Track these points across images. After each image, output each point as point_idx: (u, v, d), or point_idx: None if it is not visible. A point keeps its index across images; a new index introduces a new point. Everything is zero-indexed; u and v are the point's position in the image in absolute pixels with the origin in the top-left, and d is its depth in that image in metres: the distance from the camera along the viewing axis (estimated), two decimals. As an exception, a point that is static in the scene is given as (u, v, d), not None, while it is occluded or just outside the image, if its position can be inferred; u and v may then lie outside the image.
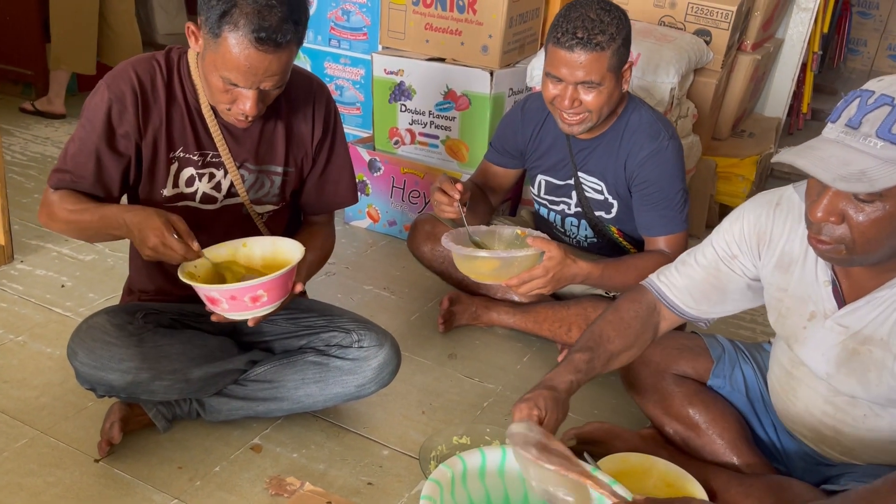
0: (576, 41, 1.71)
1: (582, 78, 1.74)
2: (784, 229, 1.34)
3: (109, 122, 1.47)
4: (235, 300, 1.39)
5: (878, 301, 1.23)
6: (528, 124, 2.05)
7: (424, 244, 2.17)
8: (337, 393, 1.63)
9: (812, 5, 3.39)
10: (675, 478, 1.51)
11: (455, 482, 1.33)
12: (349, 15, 2.86)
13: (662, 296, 1.48)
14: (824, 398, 1.37)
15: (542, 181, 2.07)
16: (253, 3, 1.32)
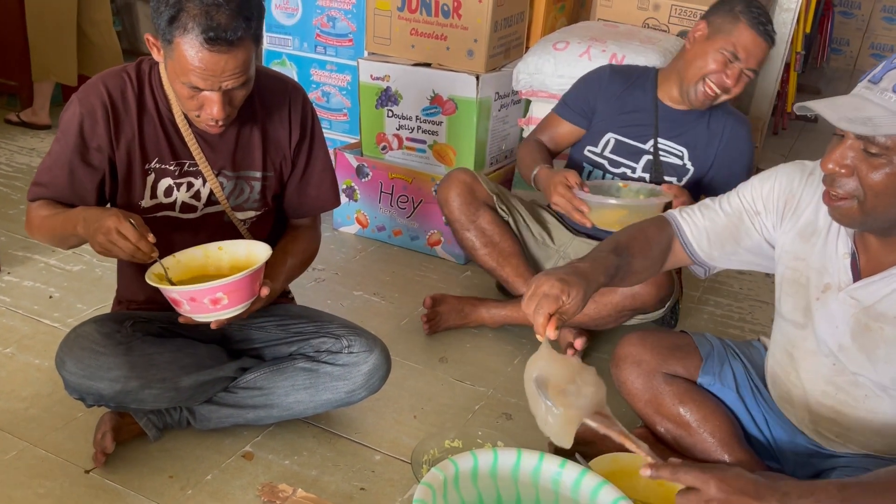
0: (766, 32, 1.90)
1: (753, 65, 1.92)
2: (813, 198, 1.37)
3: (82, 135, 1.49)
4: (195, 302, 1.40)
5: (893, 277, 1.25)
6: (614, 82, 2.12)
7: (458, 196, 2.11)
8: (327, 399, 1.63)
9: (794, 6, 3.42)
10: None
11: (447, 485, 1.33)
12: (335, 21, 2.87)
13: (680, 230, 1.50)
14: (826, 378, 1.38)
15: (612, 139, 2.11)
16: (199, 5, 1.32)
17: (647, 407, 1.62)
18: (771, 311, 2.44)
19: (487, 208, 2.13)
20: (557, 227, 2.22)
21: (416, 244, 2.68)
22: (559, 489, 1.38)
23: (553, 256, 2.21)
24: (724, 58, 1.91)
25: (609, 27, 2.69)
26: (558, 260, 2.20)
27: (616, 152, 2.12)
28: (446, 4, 2.48)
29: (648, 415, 1.63)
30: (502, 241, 2.12)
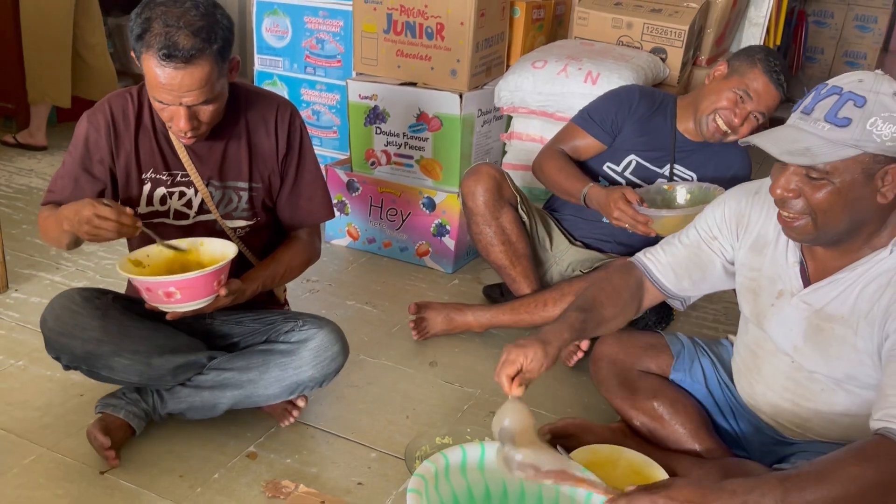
0: (779, 82, 2.05)
1: (762, 108, 2.06)
2: (761, 215, 1.51)
3: (87, 149, 1.66)
4: (150, 292, 1.53)
5: (840, 282, 1.37)
6: (642, 105, 2.24)
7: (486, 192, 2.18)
8: (276, 376, 1.69)
9: (762, 21, 3.57)
10: (641, 465, 1.63)
11: (439, 476, 1.45)
12: (323, 43, 2.99)
13: (648, 271, 1.63)
14: (786, 375, 1.51)
15: (634, 161, 2.24)
16: (162, 25, 1.46)
17: (623, 402, 1.74)
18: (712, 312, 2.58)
19: (510, 207, 2.22)
20: (558, 235, 2.34)
21: (405, 255, 2.79)
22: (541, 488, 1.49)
23: (548, 261, 2.33)
24: (735, 97, 2.05)
25: (585, 45, 2.82)
26: (551, 266, 2.32)
27: (636, 174, 2.24)
28: (430, 27, 2.61)
29: (625, 409, 1.74)
30: (518, 241, 2.22)
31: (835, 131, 1.22)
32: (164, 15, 1.46)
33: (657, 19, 2.88)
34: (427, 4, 2.60)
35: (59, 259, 2.62)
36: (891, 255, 1.32)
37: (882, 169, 1.23)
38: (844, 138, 1.22)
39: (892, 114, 1.21)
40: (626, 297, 1.60)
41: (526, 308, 2.18)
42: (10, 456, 1.67)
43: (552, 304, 2.12)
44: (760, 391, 1.59)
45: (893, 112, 1.21)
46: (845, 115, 1.22)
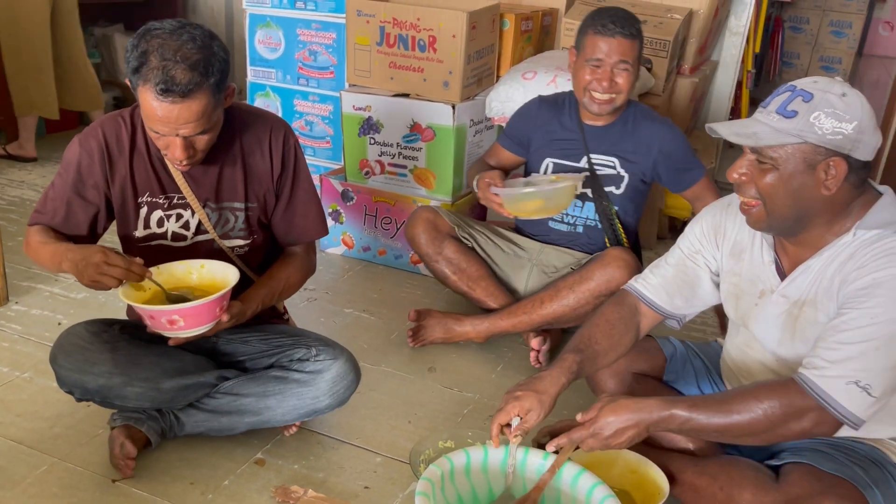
0: (614, 31, 2.12)
1: (616, 60, 2.12)
2: (735, 223, 1.60)
3: (80, 173, 1.67)
4: (154, 320, 1.56)
5: (809, 269, 1.47)
6: (543, 112, 2.35)
7: (424, 232, 2.33)
8: (294, 405, 1.74)
9: (743, 30, 3.67)
10: (637, 465, 1.69)
11: (444, 479, 1.50)
12: (316, 55, 3.04)
13: (641, 295, 1.70)
14: (773, 371, 1.58)
15: (550, 164, 2.32)
16: (159, 59, 1.46)
17: None
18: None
19: (451, 238, 2.34)
20: (524, 240, 2.41)
21: (399, 262, 2.85)
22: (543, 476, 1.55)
23: (526, 266, 2.38)
24: (590, 68, 2.15)
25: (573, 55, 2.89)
26: (532, 268, 2.37)
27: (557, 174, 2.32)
28: (422, 40, 2.67)
29: None
30: (469, 266, 2.32)
31: (782, 121, 1.34)
32: (161, 48, 1.46)
33: (643, 30, 2.95)
34: (419, 17, 2.66)
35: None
36: (853, 238, 1.41)
37: (824, 161, 1.34)
38: (789, 128, 1.34)
39: (836, 111, 1.32)
40: (621, 328, 1.67)
41: (523, 309, 2.23)
42: (23, 466, 1.70)
43: (549, 301, 2.19)
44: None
45: (837, 109, 1.32)
46: (793, 108, 1.34)
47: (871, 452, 1.48)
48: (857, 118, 1.32)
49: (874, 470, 1.45)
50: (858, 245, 1.40)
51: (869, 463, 1.46)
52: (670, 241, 3.30)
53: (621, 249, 2.17)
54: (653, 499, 1.62)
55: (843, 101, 1.33)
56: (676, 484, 1.63)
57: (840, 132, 1.32)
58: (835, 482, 1.40)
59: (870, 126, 1.34)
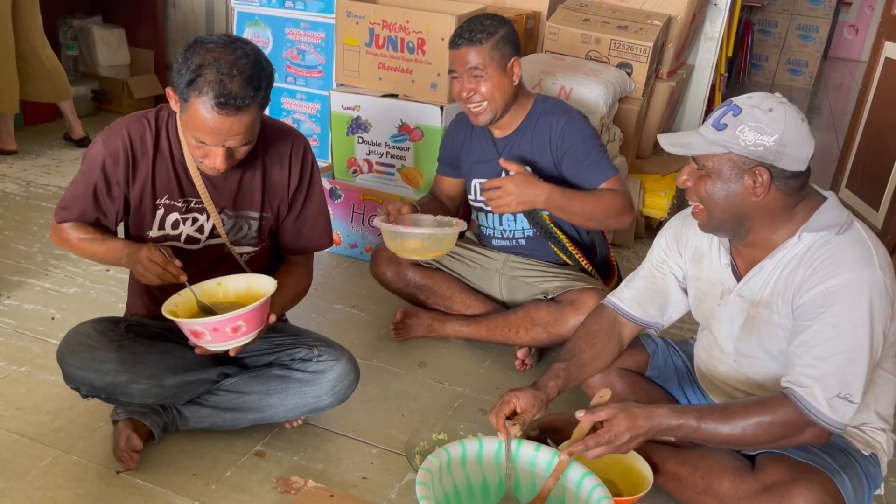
0: (458, 43, 2.13)
1: (465, 69, 2.12)
2: (694, 231, 1.72)
3: (105, 173, 1.70)
4: (218, 331, 1.59)
5: (762, 270, 1.58)
6: (459, 131, 2.39)
7: (388, 269, 2.42)
8: (296, 403, 1.81)
9: (717, 35, 3.79)
10: (622, 456, 1.78)
11: (442, 470, 1.58)
12: (304, 54, 3.08)
13: (617, 308, 1.82)
14: (733, 369, 1.71)
15: (476, 185, 2.36)
16: (216, 73, 1.51)
17: None
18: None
19: (414, 266, 2.40)
20: (488, 251, 2.44)
21: (386, 259, 2.90)
22: (535, 469, 1.63)
23: (495, 276, 2.42)
24: (453, 81, 2.18)
25: (556, 60, 2.98)
26: (500, 277, 2.41)
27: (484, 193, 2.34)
28: (411, 42, 2.73)
29: None
30: (439, 286, 2.41)
31: (713, 133, 1.47)
32: (217, 62, 1.51)
33: (623, 36, 3.05)
34: (409, 20, 2.71)
35: (46, 265, 2.66)
36: (799, 241, 1.53)
37: (750, 170, 1.47)
38: (717, 139, 1.46)
39: (759, 125, 1.44)
40: (603, 338, 1.81)
41: (501, 331, 2.31)
42: (28, 459, 1.74)
43: (524, 331, 2.26)
44: (718, 386, 1.78)
45: (760, 123, 1.44)
46: (725, 121, 1.47)
47: (838, 441, 1.59)
48: (778, 132, 1.44)
49: (841, 457, 1.57)
50: (806, 248, 1.52)
51: (836, 451, 1.58)
52: (647, 239, 3.42)
53: (597, 297, 2.13)
54: (638, 488, 1.71)
55: (767, 116, 1.45)
56: (659, 474, 1.72)
57: (761, 144, 1.44)
58: (806, 469, 1.52)
59: (794, 139, 1.45)
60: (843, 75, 8.85)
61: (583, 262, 2.34)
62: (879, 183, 3.51)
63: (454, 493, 1.59)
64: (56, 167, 3.71)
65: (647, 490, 1.68)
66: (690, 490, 1.67)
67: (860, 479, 1.56)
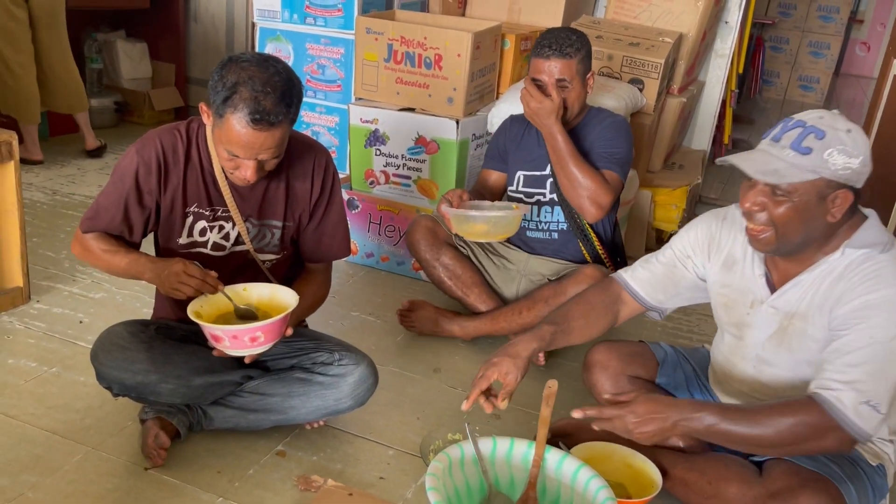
0: (548, 55, 2.28)
1: (554, 79, 2.28)
2: (729, 237, 1.75)
3: (137, 182, 1.77)
4: (237, 339, 1.66)
5: (800, 284, 1.61)
6: (514, 127, 2.53)
7: (424, 239, 2.50)
8: (317, 406, 1.88)
9: (728, 52, 3.86)
10: (632, 459, 1.83)
11: (453, 466, 1.63)
12: (324, 69, 3.17)
13: (627, 285, 1.86)
14: (752, 377, 1.74)
15: (521, 176, 2.48)
16: (251, 90, 1.58)
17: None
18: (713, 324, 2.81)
19: (448, 246, 2.50)
20: (512, 252, 2.56)
21: (401, 269, 2.98)
22: (545, 471, 1.69)
23: (516, 278, 2.53)
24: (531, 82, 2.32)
25: (569, 76, 3.05)
26: (520, 280, 2.52)
27: (527, 185, 2.48)
28: (428, 57, 2.81)
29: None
30: (464, 273, 2.48)
31: (798, 157, 1.46)
32: (252, 80, 1.58)
33: (635, 52, 3.12)
34: (426, 36, 2.80)
35: (74, 271, 2.75)
36: (842, 256, 1.56)
37: (833, 193, 1.48)
38: (805, 164, 1.46)
39: (846, 147, 1.45)
40: (600, 310, 1.84)
41: (504, 318, 2.41)
42: (60, 455, 1.82)
43: (526, 311, 2.37)
44: (734, 389, 1.82)
45: (846, 146, 1.46)
46: (808, 145, 1.46)
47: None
48: (862, 153, 1.47)
49: (848, 467, 1.60)
50: (847, 264, 1.55)
51: (844, 460, 1.61)
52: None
53: (595, 267, 2.32)
54: (646, 490, 1.76)
55: (850, 138, 1.47)
56: (668, 478, 1.77)
57: (849, 167, 1.46)
58: (813, 477, 1.55)
59: (869, 158, 1.50)
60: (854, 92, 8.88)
61: (606, 260, 2.46)
62: (888, 199, 3.56)
63: (465, 488, 1.65)
64: (81, 177, 3.81)
65: (656, 493, 1.73)
66: (698, 495, 1.71)
67: (866, 489, 1.59)
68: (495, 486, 1.70)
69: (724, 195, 4.27)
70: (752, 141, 5.72)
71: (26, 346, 2.27)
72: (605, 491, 1.58)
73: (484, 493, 1.67)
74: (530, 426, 2.04)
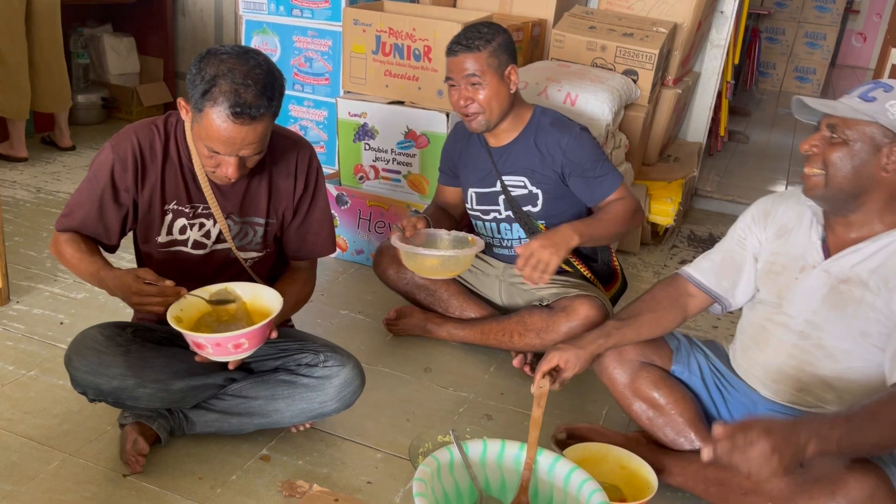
0: (459, 48, 2.13)
1: (467, 75, 2.12)
2: (783, 207, 1.76)
3: (113, 178, 1.71)
4: (220, 346, 1.60)
5: (862, 251, 1.59)
6: (459, 140, 2.41)
7: (389, 267, 2.45)
8: (302, 409, 1.82)
9: (723, 42, 3.80)
10: (627, 460, 1.79)
11: (441, 469, 1.58)
12: (311, 62, 3.11)
13: (691, 277, 1.86)
14: (793, 343, 1.70)
15: (473, 194, 2.38)
16: (230, 83, 1.53)
17: (625, 390, 1.87)
18: (709, 319, 2.76)
19: None
20: (489, 258, 2.45)
21: (392, 266, 2.92)
22: (537, 474, 1.64)
23: (495, 283, 2.44)
24: (449, 88, 2.19)
25: (562, 67, 2.99)
26: (500, 285, 2.42)
27: (480, 203, 2.37)
28: (417, 49, 2.75)
29: (626, 396, 1.87)
30: (439, 289, 2.43)
31: (861, 104, 1.52)
32: (231, 73, 1.53)
33: (629, 43, 3.06)
34: (415, 28, 2.73)
35: (55, 271, 2.68)
36: None
37: (889, 145, 1.50)
38: (865, 109, 1.51)
39: None
40: (666, 304, 1.85)
41: (494, 335, 2.32)
42: (36, 462, 1.76)
43: (518, 337, 2.26)
44: (763, 361, 1.76)
45: None
46: (874, 95, 1.52)
47: None
48: None
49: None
50: None
51: None
52: (654, 246, 3.43)
53: (588, 304, 2.14)
54: (642, 493, 1.71)
55: None
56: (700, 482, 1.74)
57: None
58: (857, 460, 1.50)
59: None
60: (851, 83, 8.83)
61: (582, 269, 2.34)
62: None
63: (455, 492, 1.59)
64: (66, 174, 3.74)
65: (651, 496, 1.68)
66: (735, 492, 1.67)
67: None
68: (486, 489, 1.65)
69: (721, 188, 4.22)
70: (749, 132, 5.67)
71: (4, 348, 2.20)
72: (599, 495, 1.53)
73: (474, 497, 1.62)
74: (522, 427, 1.99)
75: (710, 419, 1.86)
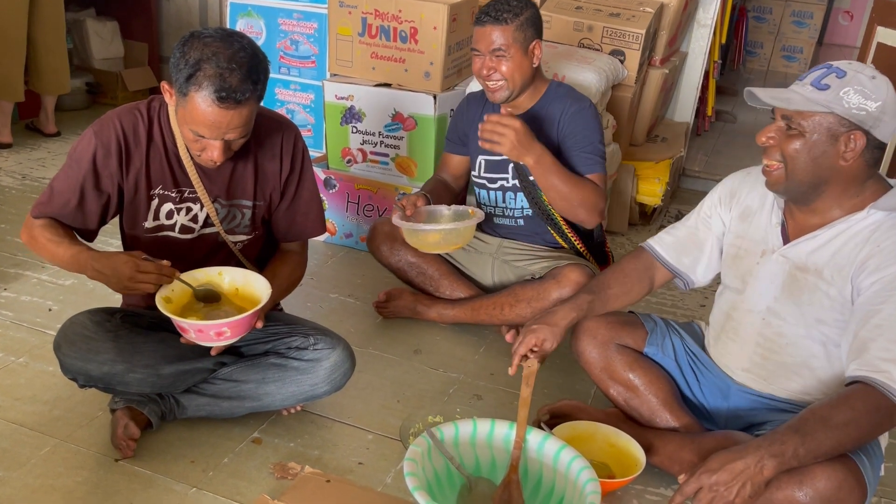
0: (481, 21, 2.15)
1: (488, 49, 2.15)
2: (750, 189, 1.76)
3: (95, 165, 1.70)
4: (202, 333, 1.62)
5: (818, 238, 1.60)
6: (471, 108, 2.42)
7: (383, 244, 2.45)
8: (293, 392, 1.83)
9: (710, 22, 3.79)
10: (615, 438, 1.81)
11: (432, 449, 1.60)
12: (297, 45, 3.09)
13: (654, 251, 1.88)
14: (758, 331, 1.72)
15: (482, 161, 2.38)
16: (215, 67, 1.52)
17: (601, 373, 1.89)
18: (697, 298, 2.78)
19: (408, 245, 2.36)
20: (484, 235, 2.47)
21: (381, 249, 2.92)
22: (527, 452, 1.66)
23: (489, 261, 2.45)
24: (474, 57, 2.21)
25: (550, 48, 2.98)
26: (494, 262, 2.44)
27: (488, 171, 2.38)
28: (404, 31, 2.74)
29: (602, 380, 1.89)
30: (429, 268, 2.43)
31: (814, 92, 1.49)
32: (216, 56, 1.52)
33: (616, 23, 3.06)
34: (401, 9, 2.72)
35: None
36: (867, 216, 1.55)
37: (846, 133, 1.49)
38: (819, 98, 1.48)
39: (864, 89, 1.47)
40: (634, 277, 1.88)
41: (485, 311, 2.33)
42: (27, 448, 1.76)
43: (508, 308, 2.28)
44: (734, 350, 1.79)
45: (865, 88, 1.47)
46: (827, 82, 1.49)
47: None
48: (881, 98, 1.47)
49: None
50: (874, 227, 1.54)
51: None
52: (641, 227, 3.44)
53: (577, 270, 2.18)
54: (630, 470, 1.73)
55: (871, 82, 1.48)
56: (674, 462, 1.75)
57: (864, 108, 1.46)
58: None
59: (892, 109, 1.49)
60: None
61: (578, 244, 2.35)
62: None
63: (445, 471, 1.61)
64: (52, 160, 3.71)
65: (639, 472, 1.71)
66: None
67: (872, 458, 1.57)
68: (476, 469, 1.67)
69: (708, 168, 4.23)
70: (736, 112, 5.68)
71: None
72: (588, 472, 1.55)
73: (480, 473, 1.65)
74: (511, 407, 2.01)
75: (686, 400, 1.89)
